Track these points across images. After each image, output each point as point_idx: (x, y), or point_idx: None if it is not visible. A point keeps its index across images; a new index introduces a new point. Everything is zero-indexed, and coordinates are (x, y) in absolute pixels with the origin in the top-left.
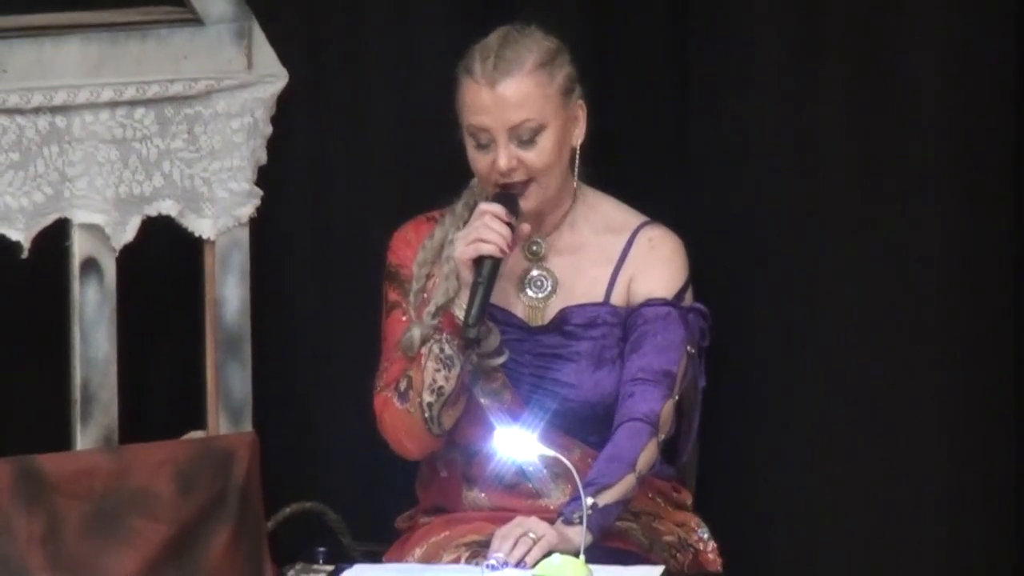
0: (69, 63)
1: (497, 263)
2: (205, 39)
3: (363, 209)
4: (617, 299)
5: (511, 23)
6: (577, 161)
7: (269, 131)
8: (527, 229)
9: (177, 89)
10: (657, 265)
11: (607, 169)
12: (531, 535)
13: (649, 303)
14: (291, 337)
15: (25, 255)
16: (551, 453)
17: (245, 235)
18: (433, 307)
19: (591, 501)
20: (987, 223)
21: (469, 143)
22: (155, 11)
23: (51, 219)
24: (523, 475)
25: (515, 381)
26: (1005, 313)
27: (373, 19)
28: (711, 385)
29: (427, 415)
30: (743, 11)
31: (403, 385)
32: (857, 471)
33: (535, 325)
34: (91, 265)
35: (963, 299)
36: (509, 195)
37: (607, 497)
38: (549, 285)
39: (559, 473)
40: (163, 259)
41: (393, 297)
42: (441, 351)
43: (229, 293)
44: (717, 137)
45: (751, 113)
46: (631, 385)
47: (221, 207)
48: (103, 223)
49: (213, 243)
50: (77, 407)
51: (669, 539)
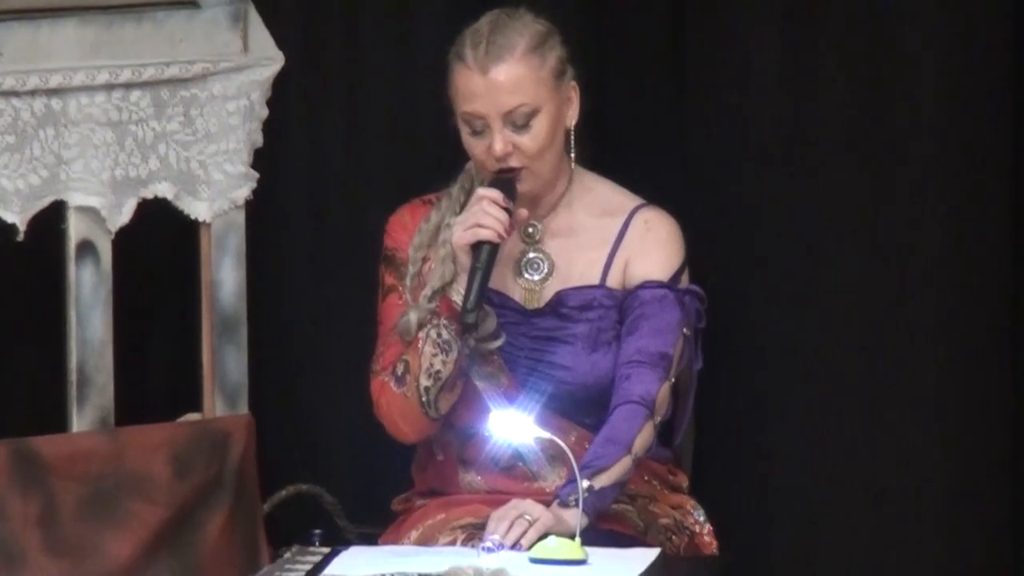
0: (65, 45)
1: (495, 248)
2: (201, 22)
3: (359, 192)
4: (613, 281)
5: (502, 6)
6: (572, 143)
7: (265, 114)
8: (524, 214)
9: (173, 72)
10: (653, 247)
11: (604, 157)
12: (527, 517)
13: (645, 285)
14: (287, 320)
15: (21, 238)
16: (547, 435)
17: (241, 218)
18: (429, 291)
19: (587, 483)
20: (987, 223)
21: (463, 129)
22: None
23: (47, 202)
24: (519, 457)
25: (511, 364)
26: (1004, 313)
27: (369, 1)
28: (709, 371)
29: (424, 399)
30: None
31: (400, 369)
32: (854, 454)
33: (531, 308)
34: (87, 248)
35: (963, 298)
36: (506, 180)
37: (603, 480)
38: (545, 268)
39: (555, 455)
40: (159, 242)
41: (389, 280)
42: (439, 336)
43: (225, 276)
44: (715, 130)
45: (749, 103)
46: (627, 367)
47: (217, 190)
48: (99, 206)
49: (209, 226)
50: (73, 389)
51: (665, 521)
